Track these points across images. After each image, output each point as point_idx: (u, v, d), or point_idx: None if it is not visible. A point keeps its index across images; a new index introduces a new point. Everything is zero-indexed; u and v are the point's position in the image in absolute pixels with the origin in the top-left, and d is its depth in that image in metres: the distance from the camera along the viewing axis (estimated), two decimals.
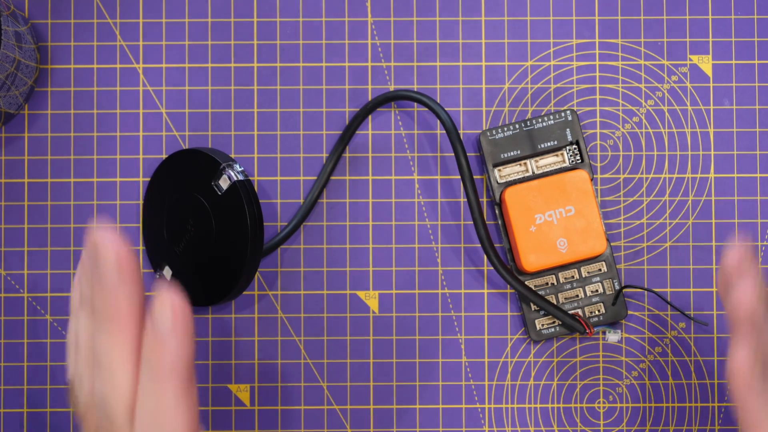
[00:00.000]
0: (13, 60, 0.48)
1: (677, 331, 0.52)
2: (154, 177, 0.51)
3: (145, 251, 0.52)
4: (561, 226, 0.50)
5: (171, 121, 0.53)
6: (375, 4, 0.53)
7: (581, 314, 0.52)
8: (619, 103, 0.53)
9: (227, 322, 0.52)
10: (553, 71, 0.53)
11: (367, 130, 0.53)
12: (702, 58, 0.53)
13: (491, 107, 0.53)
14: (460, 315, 0.52)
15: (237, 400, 0.52)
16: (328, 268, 0.52)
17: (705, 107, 0.53)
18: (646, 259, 0.53)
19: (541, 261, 0.50)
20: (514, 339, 0.52)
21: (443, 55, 0.53)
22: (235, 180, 0.48)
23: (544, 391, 0.52)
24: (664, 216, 0.53)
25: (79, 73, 0.52)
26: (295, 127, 0.53)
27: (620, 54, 0.53)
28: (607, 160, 0.53)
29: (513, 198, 0.50)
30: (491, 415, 0.52)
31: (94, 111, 0.52)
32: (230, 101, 0.53)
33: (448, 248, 0.52)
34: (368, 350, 0.52)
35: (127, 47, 0.53)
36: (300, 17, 0.53)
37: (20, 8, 0.52)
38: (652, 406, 0.52)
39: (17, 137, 0.52)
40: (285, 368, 0.52)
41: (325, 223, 0.52)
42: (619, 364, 0.52)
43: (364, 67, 0.53)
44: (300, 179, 0.53)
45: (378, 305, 0.52)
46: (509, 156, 0.51)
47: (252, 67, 0.53)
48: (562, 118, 0.51)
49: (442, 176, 0.53)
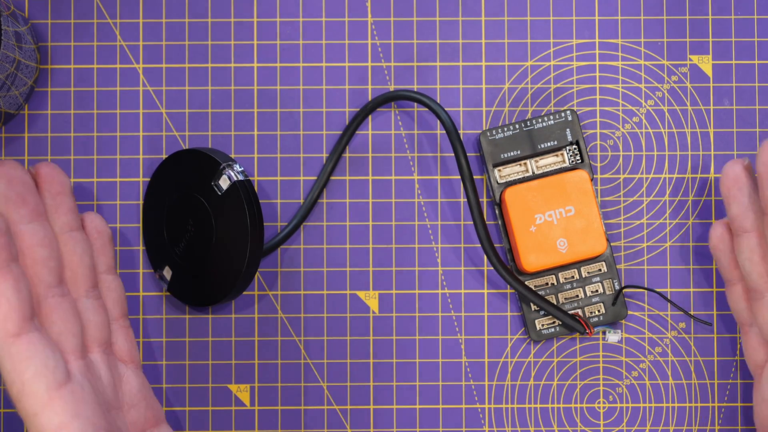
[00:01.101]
0: (13, 60, 0.48)
1: (677, 331, 0.52)
2: (154, 177, 0.51)
3: (145, 251, 0.52)
4: (561, 226, 0.50)
5: (171, 121, 0.53)
6: (375, 4, 0.53)
7: (581, 314, 0.52)
8: (619, 103, 0.53)
9: (227, 322, 0.52)
10: (553, 71, 0.53)
11: (367, 130, 0.53)
12: (702, 58, 0.53)
13: (491, 107, 0.53)
14: (460, 315, 0.52)
15: (237, 400, 0.52)
16: (328, 268, 0.52)
17: (705, 107, 0.53)
18: (646, 259, 0.53)
19: (541, 261, 0.50)
20: (514, 339, 0.52)
21: (443, 55, 0.53)
22: (235, 180, 0.48)
23: (544, 391, 0.52)
24: (664, 216, 0.53)
25: (79, 73, 0.52)
26: (295, 127, 0.53)
27: (620, 54, 0.53)
28: (607, 160, 0.53)
29: (513, 198, 0.50)
30: (491, 415, 0.52)
31: (94, 111, 0.52)
32: (230, 101, 0.53)
33: (448, 248, 0.52)
34: (368, 350, 0.52)
35: (127, 47, 0.53)
36: (300, 17, 0.53)
37: (20, 8, 0.52)
38: (652, 406, 0.52)
39: (17, 137, 0.52)
40: (285, 368, 0.52)
41: (325, 223, 0.52)
42: (619, 364, 0.52)
43: (364, 67, 0.53)
44: (300, 179, 0.53)
45: (378, 305, 0.52)
46: (509, 156, 0.51)
47: (252, 67, 0.53)
48: (562, 118, 0.51)
49: (442, 176, 0.53)
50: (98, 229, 0.49)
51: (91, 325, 0.46)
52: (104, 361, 0.46)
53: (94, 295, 0.47)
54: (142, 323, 0.52)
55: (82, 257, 0.46)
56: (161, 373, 0.52)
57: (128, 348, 0.49)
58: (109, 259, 0.49)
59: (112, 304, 0.49)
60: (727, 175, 0.47)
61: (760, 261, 0.46)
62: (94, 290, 0.47)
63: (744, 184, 0.46)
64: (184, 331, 0.52)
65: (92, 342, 0.46)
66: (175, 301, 0.52)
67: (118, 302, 0.49)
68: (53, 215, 0.46)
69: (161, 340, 0.52)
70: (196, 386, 0.52)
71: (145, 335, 0.52)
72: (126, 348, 0.49)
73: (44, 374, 0.40)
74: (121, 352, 0.48)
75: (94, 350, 0.46)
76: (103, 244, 0.49)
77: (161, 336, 0.52)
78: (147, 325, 0.52)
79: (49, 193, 0.46)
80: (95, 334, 0.46)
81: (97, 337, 0.46)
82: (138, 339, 0.52)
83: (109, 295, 0.49)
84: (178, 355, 0.52)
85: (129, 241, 0.52)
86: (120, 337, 0.49)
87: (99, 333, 0.46)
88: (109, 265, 0.49)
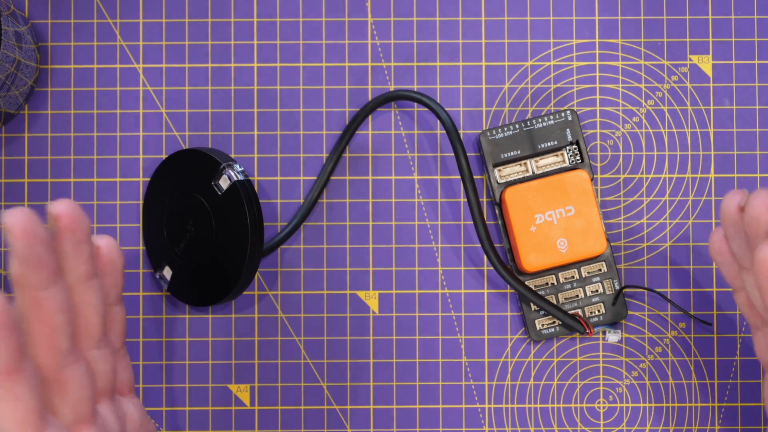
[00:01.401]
0: (13, 60, 0.48)
1: (677, 331, 0.52)
2: (154, 177, 0.51)
3: (145, 251, 0.52)
4: (561, 226, 0.50)
5: (171, 121, 0.53)
6: (375, 4, 0.53)
7: (581, 314, 0.52)
8: (619, 103, 0.53)
9: (227, 322, 0.52)
10: (553, 71, 0.53)
11: (367, 130, 0.53)
12: (702, 58, 0.53)
13: (491, 107, 0.53)
14: (460, 315, 0.52)
15: (237, 400, 0.52)
16: (328, 268, 0.52)
17: (705, 107, 0.53)
18: (646, 259, 0.53)
19: (541, 261, 0.50)
20: (514, 339, 0.52)
21: (443, 55, 0.53)
22: (235, 180, 0.48)
23: (544, 391, 0.52)
24: (664, 216, 0.53)
25: (79, 73, 0.52)
26: (295, 127, 0.53)
27: (620, 54, 0.53)
28: (607, 160, 0.53)
29: (513, 198, 0.50)
30: (491, 415, 0.52)
31: (94, 111, 0.52)
32: (230, 101, 0.53)
33: (448, 248, 0.52)
34: (368, 350, 0.52)
35: (127, 47, 0.53)
36: (300, 17, 0.53)
37: (20, 8, 0.52)
38: (652, 406, 0.52)
39: (17, 137, 0.52)
40: (285, 368, 0.52)
41: (325, 223, 0.52)
42: (619, 364, 0.52)
43: (364, 67, 0.53)
44: (300, 179, 0.53)
45: (378, 305, 0.52)
46: (509, 156, 0.51)
47: (252, 67, 0.53)
48: (562, 118, 0.51)
49: (442, 176, 0.53)
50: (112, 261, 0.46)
51: (101, 377, 0.45)
52: (111, 408, 0.45)
53: (104, 343, 0.45)
54: (142, 323, 0.52)
55: (98, 307, 0.44)
56: (161, 373, 0.52)
57: (127, 378, 0.48)
58: (119, 290, 0.47)
59: (116, 337, 0.48)
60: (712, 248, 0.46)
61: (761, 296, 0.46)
62: (104, 338, 0.45)
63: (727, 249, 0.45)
64: (184, 331, 0.52)
65: (101, 395, 0.45)
66: (175, 301, 0.52)
67: (121, 333, 0.48)
68: (72, 264, 0.43)
69: (161, 340, 0.52)
70: (196, 386, 0.52)
71: (145, 335, 0.52)
72: (125, 379, 0.48)
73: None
74: (120, 384, 0.48)
75: (102, 401, 0.45)
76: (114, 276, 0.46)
77: (161, 336, 0.52)
78: (147, 325, 0.52)
79: (71, 241, 0.43)
80: (104, 385, 0.45)
81: (105, 388, 0.45)
82: (138, 339, 0.52)
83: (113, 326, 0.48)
84: (178, 355, 0.52)
85: (129, 241, 0.52)
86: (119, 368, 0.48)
87: (107, 383, 0.45)
88: (118, 297, 0.47)
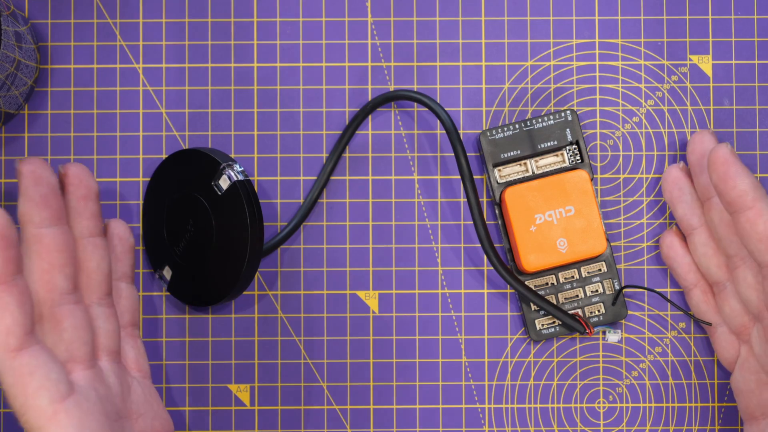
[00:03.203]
0: (13, 60, 0.48)
1: (677, 331, 0.52)
2: (154, 177, 0.51)
3: (145, 251, 0.52)
4: (561, 226, 0.50)
5: (171, 121, 0.53)
6: (375, 4, 0.53)
7: (581, 314, 0.52)
8: (619, 103, 0.53)
9: (227, 322, 0.52)
10: (553, 71, 0.53)
11: (367, 130, 0.53)
12: (702, 58, 0.53)
13: (491, 107, 0.53)
14: (460, 315, 0.52)
15: (237, 400, 0.52)
16: (328, 268, 0.52)
17: (705, 107, 0.53)
18: (646, 259, 0.53)
19: (541, 261, 0.50)
20: (514, 339, 0.52)
21: (443, 55, 0.53)
22: (235, 180, 0.48)
23: (544, 391, 0.52)
24: (664, 216, 0.53)
25: (79, 73, 0.52)
26: (295, 127, 0.53)
27: (620, 54, 0.53)
28: (607, 160, 0.53)
29: (513, 198, 0.50)
30: (491, 415, 0.52)
31: (94, 111, 0.52)
32: (230, 101, 0.53)
33: (448, 248, 0.52)
34: (368, 350, 0.52)
35: (127, 47, 0.53)
36: (300, 17, 0.53)
37: (20, 8, 0.52)
38: (652, 406, 0.52)
39: (17, 137, 0.52)
40: (285, 368, 0.52)
41: (325, 223, 0.52)
42: (619, 364, 0.52)
43: (364, 67, 0.53)
44: (300, 179, 0.53)
45: (378, 305, 0.52)
46: (509, 156, 0.51)
47: (252, 67, 0.53)
48: (562, 118, 0.51)
49: (442, 176, 0.53)
50: (120, 236, 0.49)
51: (101, 332, 0.46)
52: (113, 369, 0.46)
53: (107, 302, 0.46)
54: (142, 323, 0.52)
55: (99, 264, 0.46)
56: (161, 373, 0.52)
57: (135, 356, 0.49)
58: (127, 267, 0.49)
59: (122, 312, 0.49)
60: (667, 180, 0.50)
61: (714, 254, 0.49)
62: (107, 298, 0.46)
63: (684, 183, 0.50)
64: (184, 331, 0.52)
65: (101, 350, 0.46)
66: (175, 301, 0.52)
67: (129, 310, 0.49)
68: (75, 219, 0.46)
69: (161, 340, 0.52)
70: (196, 386, 0.52)
71: (145, 335, 0.52)
72: (133, 356, 0.48)
73: (47, 388, 0.40)
74: (128, 360, 0.48)
75: (102, 358, 0.46)
76: (123, 252, 0.49)
77: (161, 336, 0.52)
78: (147, 325, 0.52)
79: (75, 196, 0.45)
80: (105, 342, 0.46)
81: (106, 345, 0.46)
82: None
83: (120, 302, 0.49)
84: (178, 355, 0.52)
85: None
86: (127, 345, 0.49)
87: (108, 341, 0.46)
88: (125, 273, 0.49)
